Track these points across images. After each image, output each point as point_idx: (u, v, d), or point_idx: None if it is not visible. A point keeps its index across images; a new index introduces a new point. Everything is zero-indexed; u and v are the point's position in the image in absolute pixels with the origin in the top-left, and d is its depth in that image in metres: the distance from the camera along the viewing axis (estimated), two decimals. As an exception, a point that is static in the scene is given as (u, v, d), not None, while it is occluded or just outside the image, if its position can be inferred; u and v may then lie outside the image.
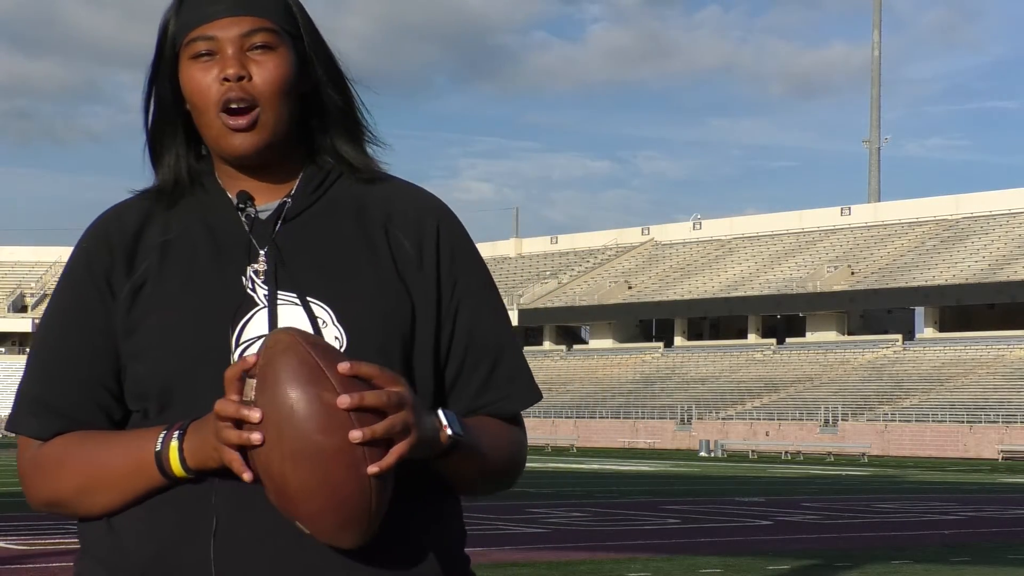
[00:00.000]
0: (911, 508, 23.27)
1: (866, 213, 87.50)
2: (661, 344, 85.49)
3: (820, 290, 77.74)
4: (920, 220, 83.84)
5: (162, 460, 1.76)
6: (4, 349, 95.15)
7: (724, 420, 67.79)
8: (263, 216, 1.90)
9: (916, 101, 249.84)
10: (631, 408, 72.21)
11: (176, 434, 1.76)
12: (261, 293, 1.84)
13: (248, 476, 1.68)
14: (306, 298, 1.83)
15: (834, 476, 37.76)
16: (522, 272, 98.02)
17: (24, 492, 1.89)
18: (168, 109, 1.91)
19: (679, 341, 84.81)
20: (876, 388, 68.18)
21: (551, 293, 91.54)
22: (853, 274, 79.27)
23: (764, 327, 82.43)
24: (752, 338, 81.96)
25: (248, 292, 1.84)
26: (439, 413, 1.77)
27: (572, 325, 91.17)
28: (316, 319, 1.82)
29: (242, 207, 1.88)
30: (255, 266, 1.85)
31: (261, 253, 1.86)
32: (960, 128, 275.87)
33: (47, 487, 1.85)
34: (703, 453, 58.05)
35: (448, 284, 1.90)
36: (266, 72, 1.85)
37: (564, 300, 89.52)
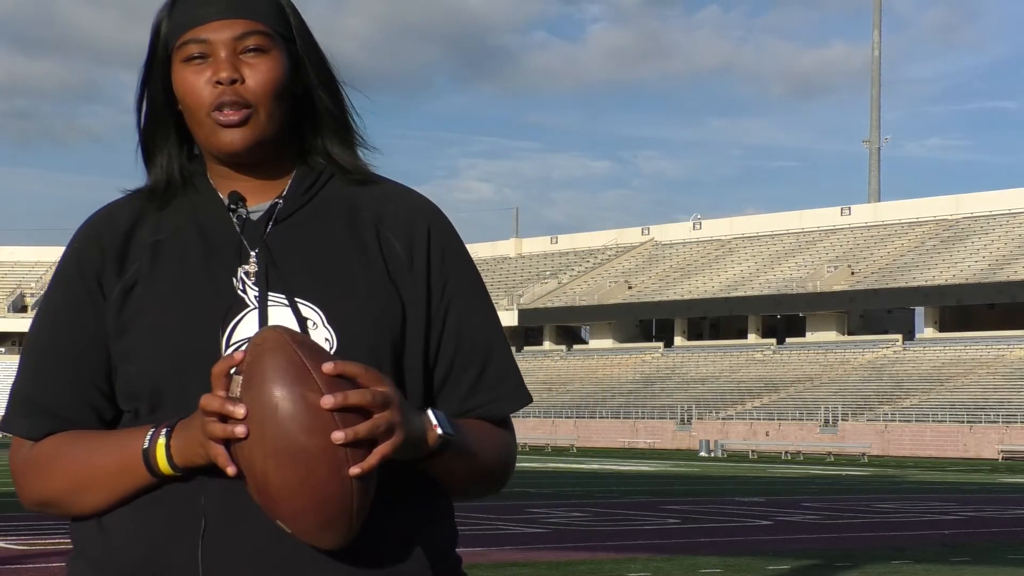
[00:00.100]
0: (911, 508, 23.26)
1: (866, 213, 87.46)
2: (661, 344, 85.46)
3: (820, 290, 77.70)
4: (920, 220, 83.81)
5: (149, 458, 1.77)
6: (4, 349, 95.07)
7: (724, 420, 67.77)
8: (254, 217, 1.89)
9: (916, 101, 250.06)
10: (631, 408, 72.18)
11: (164, 432, 1.76)
12: (252, 294, 1.84)
13: (232, 470, 1.68)
14: (295, 299, 1.83)
15: (834, 476, 37.74)
16: (522, 272, 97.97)
17: (17, 492, 1.89)
18: (160, 110, 1.91)
19: (679, 341, 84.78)
20: (876, 388, 68.16)
21: (551, 293, 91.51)
22: (853, 274, 79.24)
23: (764, 327, 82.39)
24: (752, 338, 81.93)
25: (239, 293, 1.84)
26: (428, 413, 1.77)
27: (572, 325, 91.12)
28: (305, 320, 1.81)
29: (233, 208, 1.88)
30: (246, 267, 1.85)
31: (252, 254, 1.86)
32: (960, 128, 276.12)
33: (39, 487, 1.85)
34: (703, 453, 58.03)
35: (438, 285, 1.90)
36: (259, 75, 1.85)
37: (564, 300, 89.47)
